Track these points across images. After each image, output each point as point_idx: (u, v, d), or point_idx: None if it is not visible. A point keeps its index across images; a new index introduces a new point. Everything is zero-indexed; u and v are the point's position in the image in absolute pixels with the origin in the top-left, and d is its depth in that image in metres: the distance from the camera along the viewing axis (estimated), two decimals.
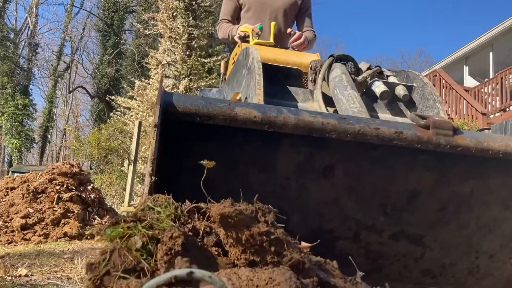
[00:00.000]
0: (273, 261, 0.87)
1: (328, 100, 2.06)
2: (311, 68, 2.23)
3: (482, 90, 11.11)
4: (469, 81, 13.93)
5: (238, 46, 2.71)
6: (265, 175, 1.47)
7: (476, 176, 1.60)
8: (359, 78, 2.13)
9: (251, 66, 1.99)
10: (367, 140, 1.37)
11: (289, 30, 2.97)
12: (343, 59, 2.18)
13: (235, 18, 3.17)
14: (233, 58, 2.74)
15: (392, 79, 2.27)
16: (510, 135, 6.45)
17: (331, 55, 2.20)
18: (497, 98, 10.49)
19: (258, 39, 2.75)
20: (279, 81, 2.16)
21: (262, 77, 1.89)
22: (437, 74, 11.90)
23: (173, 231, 0.80)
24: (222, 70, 3.32)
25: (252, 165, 1.44)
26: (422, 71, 16.81)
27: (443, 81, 11.48)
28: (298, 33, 2.92)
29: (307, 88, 2.24)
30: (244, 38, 2.82)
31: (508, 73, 10.16)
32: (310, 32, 3.12)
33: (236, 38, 2.91)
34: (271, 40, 2.79)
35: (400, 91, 2.16)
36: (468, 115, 10.18)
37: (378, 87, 2.12)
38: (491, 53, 13.29)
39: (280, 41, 2.96)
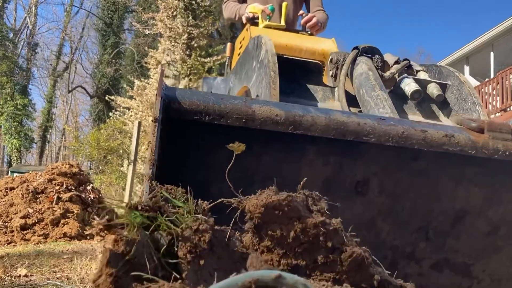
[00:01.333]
0: (327, 261, 0.72)
1: (350, 99, 1.81)
2: (331, 61, 1.96)
3: (482, 90, 11.10)
4: (470, 81, 13.92)
5: (247, 30, 2.44)
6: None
7: None
8: (387, 74, 1.90)
9: (264, 60, 1.72)
10: (413, 145, 1.15)
11: (300, 12, 2.77)
12: (369, 51, 1.91)
13: None
14: (240, 42, 2.50)
15: (422, 75, 2.00)
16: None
17: (356, 47, 1.94)
18: (498, 98, 10.48)
19: (268, 21, 2.50)
20: (295, 77, 1.90)
21: (278, 74, 1.63)
22: None
23: (199, 223, 0.66)
24: (228, 53, 3.05)
25: (269, 180, 1.10)
26: None
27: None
28: (309, 15, 2.67)
29: (323, 82, 1.99)
30: (253, 20, 2.58)
31: (508, 73, 10.15)
32: (321, 13, 2.88)
33: (244, 19, 2.67)
34: (282, 23, 2.54)
35: (433, 90, 1.90)
36: None
37: (409, 85, 1.86)
38: (491, 53, 13.28)
39: (291, 23, 2.75)
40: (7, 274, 2.46)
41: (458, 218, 1.36)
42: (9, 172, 18.11)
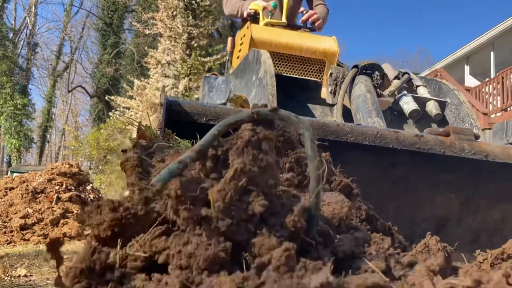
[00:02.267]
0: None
1: (348, 117, 1.83)
2: (331, 75, 1.95)
3: (483, 89, 11.09)
4: (470, 81, 13.91)
5: (247, 27, 2.38)
6: None
7: (506, 198, 1.42)
8: (386, 92, 1.89)
9: (263, 80, 1.72)
10: (387, 144, 1.24)
11: (301, 9, 2.77)
12: (369, 68, 1.92)
13: None
14: (241, 39, 2.50)
15: (422, 90, 2.06)
16: (511, 134, 6.40)
17: (355, 66, 1.95)
18: (498, 97, 10.46)
19: (270, 17, 2.47)
20: (294, 94, 1.94)
21: (276, 92, 1.66)
22: (438, 74, 11.87)
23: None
24: (229, 48, 3.03)
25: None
26: (422, 71, 16.81)
27: (444, 80, 11.47)
28: (310, 11, 2.67)
29: (322, 96, 2.03)
30: (255, 16, 2.54)
31: (509, 73, 10.13)
32: (322, 7, 2.88)
33: (245, 14, 2.63)
34: (283, 20, 2.51)
35: (432, 108, 1.93)
36: None
37: (408, 104, 1.89)
38: (492, 53, 13.27)
39: (292, 19, 2.71)
40: (7, 274, 2.45)
41: (440, 225, 1.41)
42: (9, 172, 18.10)
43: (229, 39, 3.05)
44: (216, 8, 15.40)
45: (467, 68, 14.42)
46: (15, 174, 6.99)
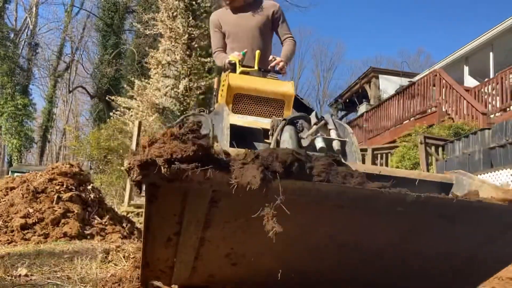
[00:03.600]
0: None
1: None
2: (272, 122, 2.76)
3: (482, 90, 11.10)
4: (469, 81, 13.93)
5: (227, 75, 3.03)
6: None
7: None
8: (305, 136, 2.64)
9: (223, 129, 2.59)
10: None
11: (270, 57, 3.30)
12: (295, 119, 2.71)
13: (225, 46, 3.49)
14: (224, 81, 3.07)
15: (332, 133, 2.73)
16: (511, 135, 6.49)
17: (284, 119, 2.71)
18: (497, 98, 10.48)
19: (242, 64, 3.17)
20: (246, 138, 2.71)
21: (230, 138, 2.54)
22: (437, 74, 11.90)
23: None
24: (215, 86, 3.56)
25: None
26: (422, 71, 16.81)
27: (443, 81, 11.48)
28: (277, 59, 3.28)
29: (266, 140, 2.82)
30: (234, 66, 3.17)
31: (508, 73, 10.15)
32: (289, 42, 3.48)
33: (227, 65, 3.24)
34: (256, 67, 3.14)
35: (335, 146, 2.65)
36: (468, 115, 10.17)
37: (318, 143, 2.60)
38: (491, 53, 13.29)
39: (264, 61, 3.27)
40: (8, 274, 2.47)
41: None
42: (10, 172, 18.12)
43: (216, 79, 3.60)
44: (216, 9, 15.42)
45: (466, 69, 14.44)
46: (16, 174, 7.02)
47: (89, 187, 5.61)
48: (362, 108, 18.08)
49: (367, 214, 1.60)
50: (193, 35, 14.50)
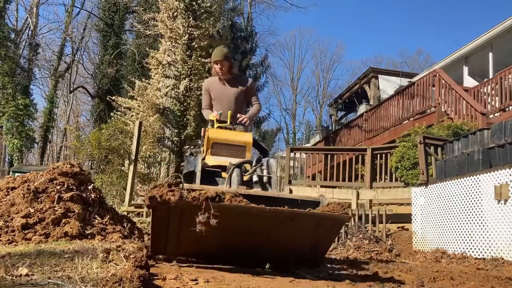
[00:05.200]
0: None
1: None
2: (228, 165, 4.02)
3: (481, 90, 11.12)
4: (469, 81, 13.95)
5: (207, 130, 4.41)
6: None
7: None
8: (247, 174, 4.05)
9: (197, 173, 4.05)
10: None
11: (238, 115, 4.54)
12: (241, 164, 4.03)
13: (211, 105, 4.82)
14: (207, 132, 4.37)
15: (264, 171, 4.11)
16: (510, 135, 6.51)
17: (233, 164, 4.00)
18: (497, 98, 10.49)
19: (219, 119, 4.49)
20: (212, 176, 4.14)
21: (203, 175, 4.05)
22: (437, 74, 11.91)
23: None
24: (202, 134, 4.65)
25: None
26: (421, 71, 16.82)
27: (443, 81, 11.49)
28: (243, 117, 4.54)
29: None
30: (213, 123, 4.50)
31: (507, 73, 10.17)
32: (256, 106, 4.79)
33: (209, 121, 4.62)
34: (228, 123, 4.46)
35: (264, 179, 4.10)
36: (468, 115, 10.18)
37: (254, 178, 4.08)
38: (490, 53, 13.30)
39: (235, 117, 4.57)
40: (8, 274, 2.48)
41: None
42: (11, 172, 18.16)
43: (203, 129, 4.69)
44: (216, 9, 15.44)
45: (465, 69, 14.45)
46: (17, 174, 7.04)
47: (90, 187, 5.63)
48: (362, 108, 18.09)
49: (255, 218, 3.07)
50: (193, 36, 14.51)
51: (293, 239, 3.23)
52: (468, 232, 5.85)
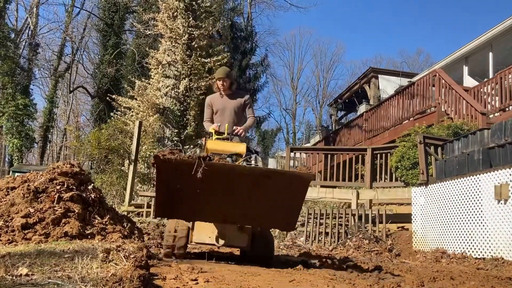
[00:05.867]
0: None
1: None
2: (223, 155, 4.40)
3: (481, 90, 11.11)
4: (469, 81, 13.95)
5: (206, 141, 4.87)
6: None
7: None
8: (237, 163, 4.22)
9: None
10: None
11: (234, 127, 4.97)
12: (233, 155, 4.43)
13: (212, 118, 5.25)
14: (205, 143, 4.74)
15: (253, 162, 4.47)
16: (510, 135, 6.50)
17: (226, 155, 4.39)
18: (497, 98, 10.49)
19: (216, 134, 4.86)
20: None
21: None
22: (437, 74, 11.91)
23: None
24: (203, 144, 5.15)
25: None
26: (421, 71, 16.82)
27: (443, 81, 11.49)
28: (239, 129, 4.97)
29: None
30: (211, 134, 4.91)
31: (507, 73, 10.17)
32: (251, 119, 5.22)
33: (209, 133, 5.08)
34: (226, 134, 4.84)
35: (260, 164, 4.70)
36: (468, 115, 10.18)
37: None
38: (490, 53, 13.30)
39: (232, 129, 5.01)
40: (8, 273, 2.48)
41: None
42: (11, 171, 18.15)
43: (203, 138, 5.48)
44: (216, 9, 15.43)
45: (465, 69, 14.45)
46: (16, 174, 7.04)
47: (90, 187, 5.63)
48: (362, 108, 18.09)
49: (239, 177, 3.60)
50: (193, 35, 14.51)
51: (271, 198, 3.67)
52: (468, 232, 5.85)
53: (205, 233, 4.09)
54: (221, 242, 4.05)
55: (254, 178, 3.59)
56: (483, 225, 5.59)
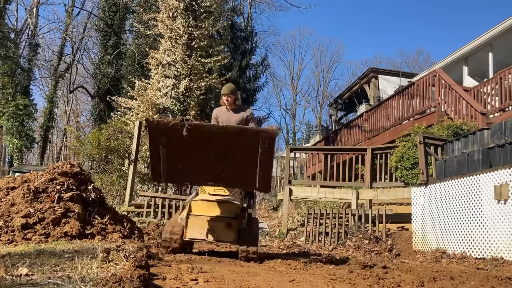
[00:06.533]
0: None
1: None
2: None
3: (481, 90, 11.11)
4: (469, 81, 13.95)
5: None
6: None
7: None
8: None
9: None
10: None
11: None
12: None
13: None
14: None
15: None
16: (510, 135, 6.49)
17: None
18: (497, 98, 10.48)
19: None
20: None
21: None
22: (437, 74, 11.91)
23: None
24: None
25: None
26: (421, 71, 16.82)
27: (443, 81, 11.49)
28: None
29: None
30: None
31: (507, 73, 10.16)
32: (251, 125, 5.54)
33: None
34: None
35: None
36: (468, 115, 10.18)
37: None
38: (490, 53, 13.30)
39: None
40: (8, 273, 2.49)
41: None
42: (11, 172, 18.16)
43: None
44: (216, 9, 15.43)
45: (465, 69, 14.45)
46: (17, 174, 7.05)
47: (90, 187, 5.64)
48: (362, 108, 18.09)
49: (216, 135, 4.12)
50: (193, 35, 14.51)
51: (244, 156, 4.18)
52: (468, 232, 5.85)
53: (197, 230, 4.54)
54: (211, 237, 4.53)
55: (228, 136, 4.11)
56: (483, 225, 5.59)
